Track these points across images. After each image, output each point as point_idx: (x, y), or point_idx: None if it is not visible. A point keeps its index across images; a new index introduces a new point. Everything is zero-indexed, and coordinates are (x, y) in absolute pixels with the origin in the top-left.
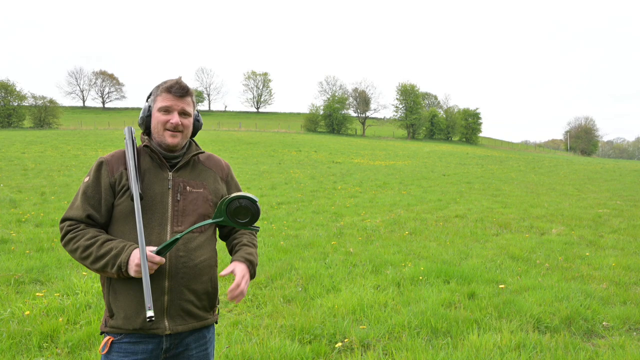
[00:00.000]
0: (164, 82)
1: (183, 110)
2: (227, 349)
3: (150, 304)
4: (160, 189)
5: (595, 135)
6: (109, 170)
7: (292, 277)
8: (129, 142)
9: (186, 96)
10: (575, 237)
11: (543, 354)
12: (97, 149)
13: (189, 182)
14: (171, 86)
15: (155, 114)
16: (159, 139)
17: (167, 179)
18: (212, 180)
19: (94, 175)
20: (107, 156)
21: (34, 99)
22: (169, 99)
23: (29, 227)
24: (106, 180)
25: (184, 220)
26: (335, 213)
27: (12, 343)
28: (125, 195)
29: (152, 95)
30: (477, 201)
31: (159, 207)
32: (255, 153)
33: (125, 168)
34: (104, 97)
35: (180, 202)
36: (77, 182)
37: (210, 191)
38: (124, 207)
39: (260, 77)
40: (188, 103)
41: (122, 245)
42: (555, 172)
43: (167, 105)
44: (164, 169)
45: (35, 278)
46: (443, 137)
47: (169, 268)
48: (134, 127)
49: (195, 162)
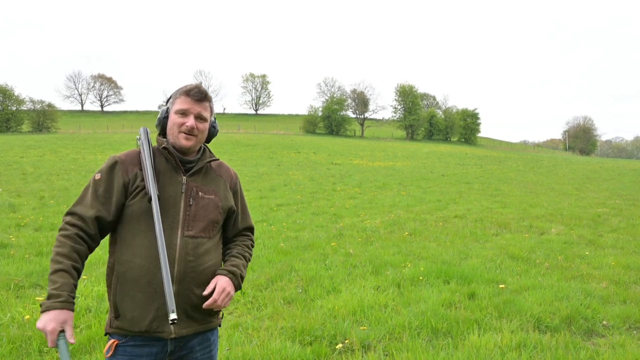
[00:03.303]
0: (184, 86)
1: (199, 114)
2: (228, 351)
3: (173, 306)
4: (174, 192)
5: (594, 134)
6: (123, 170)
7: (292, 278)
8: (144, 143)
9: (204, 101)
10: (575, 237)
11: (543, 354)
12: (96, 152)
13: (202, 187)
14: (190, 90)
15: (172, 116)
16: (173, 141)
17: (181, 182)
18: (223, 188)
19: (107, 173)
20: (122, 155)
21: (33, 103)
22: (187, 102)
23: (28, 232)
24: (120, 180)
25: (194, 225)
26: (334, 214)
27: (12, 347)
28: (139, 196)
29: (171, 98)
30: (477, 201)
31: (171, 210)
32: (254, 155)
33: (139, 169)
34: (103, 100)
35: (193, 206)
36: (76, 185)
37: (220, 198)
38: (137, 208)
39: (258, 79)
40: (205, 108)
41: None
42: (554, 171)
43: (184, 108)
44: (179, 172)
45: (35, 282)
46: (442, 138)
47: (178, 272)
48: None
49: (208, 169)
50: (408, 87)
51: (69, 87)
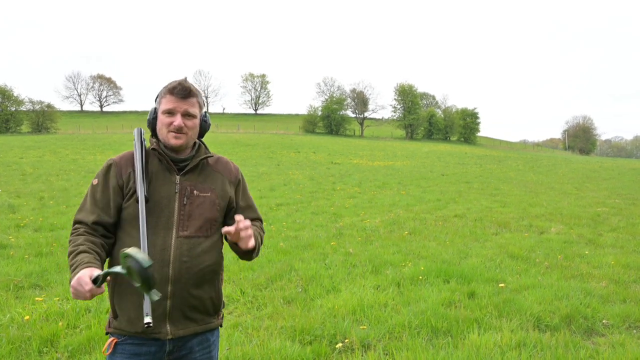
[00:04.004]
0: (169, 84)
1: (187, 112)
2: (228, 351)
3: (148, 310)
4: (167, 193)
5: (594, 134)
6: (117, 172)
7: (292, 278)
8: (137, 144)
9: (190, 97)
10: (575, 236)
11: (543, 353)
12: (96, 153)
13: (197, 185)
14: (174, 87)
15: (160, 116)
16: (163, 141)
17: (175, 182)
18: (221, 184)
19: (102, 177)
20: (116, 158)
21: (32, 104)
22: (172, 100)
23: (27, 232)
24: (114, 182)
25: (189, 225)
26: (334, 214)
27: (12, 348)
28: (133, 198)
29: (158, 97)
30: (476, 201)
31: (165, 211)
32: (253, 155)
33: (133, 170)
34: (102, 101)
35: (187, 206)
36: (76, 186)
37: (218, 195)
38: (132, 210)
39: (258, 78)
40: (192, 104)
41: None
42: (554, 171)
43: (170, 107)
44: (172, 172)
45: (35, 283)
46: (441, 137)
47: (173, 273)
48: (143, 129)
49: (204, 166)
50: (407, 87)
51: (68, 88)
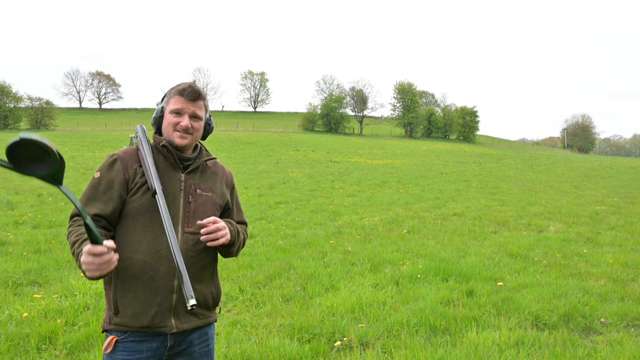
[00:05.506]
0: (178, 85)
1: (194, 113)
2: (226, 349)
3: (191, 292)
4: (173, 189)
5: (593, 132)
6: (123, 166)
7: (290, 276)
8: (143, 140)
9: (198, 100)
10: (573, 234)
11: (541, 351)
12: (94, 150)
13: (199, 185)
14: (184, 89)
15: (167, 116)
16: (168, 139)
17: (180, 180)
18: (219, 185)
19: (106, 170)
20: (120, 152)
21: (30, 100)
22: (180, 101)
23: (26, 229)
24: (120, 176)
25: (194, 222)
26: (333, 212)
27: (10, 345)
28: (140, 192)
29: (165, 96)
30: (475, 199)
31: (171, 207)
32: (252, 153)
33: (139, 165)
34: (101, 98)
35: (192, 204)
36: (75, 182)
37: (217, 195)
38: (138, 204)
39: (257, 76)
40: (200, 107)
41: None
42: (553, 169)
43: (178, 108)
44: (177, 169)
45: (33, 280)
46: (440, 136)
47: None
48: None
49: (204, 167)
50: (407, 85)
51: (67, 85)
